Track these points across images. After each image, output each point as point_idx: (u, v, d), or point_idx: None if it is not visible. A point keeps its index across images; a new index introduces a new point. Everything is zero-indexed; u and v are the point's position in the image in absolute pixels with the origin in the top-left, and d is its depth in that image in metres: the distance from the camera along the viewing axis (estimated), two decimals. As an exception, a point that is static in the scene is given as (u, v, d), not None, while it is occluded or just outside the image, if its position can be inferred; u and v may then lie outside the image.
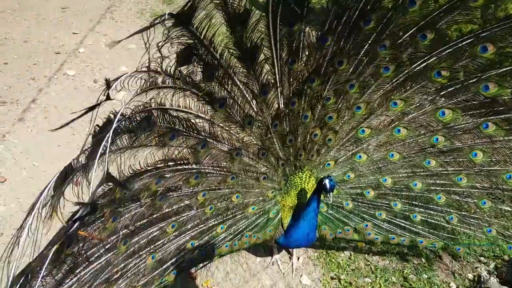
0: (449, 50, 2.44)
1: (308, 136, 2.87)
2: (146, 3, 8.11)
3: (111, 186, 2.29)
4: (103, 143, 1.81)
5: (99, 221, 2.31)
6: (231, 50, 2.32)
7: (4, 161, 4.51)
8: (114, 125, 1.90)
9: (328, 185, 2.48)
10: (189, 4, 1.94)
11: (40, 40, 6.50)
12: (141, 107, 2.15)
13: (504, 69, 2.40)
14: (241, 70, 2.43)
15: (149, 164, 2.40)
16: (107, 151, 1.77)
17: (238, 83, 2.46)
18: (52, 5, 7.40)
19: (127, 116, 2.08)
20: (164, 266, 2.75)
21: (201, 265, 3.12)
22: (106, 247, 2.40)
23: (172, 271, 2.82)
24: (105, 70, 6.15)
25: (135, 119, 2.12)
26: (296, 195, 3.02)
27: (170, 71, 2.16)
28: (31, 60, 6.07)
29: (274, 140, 2.80)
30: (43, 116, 5.17)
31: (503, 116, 2.57)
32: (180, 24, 2.04)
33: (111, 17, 7.47)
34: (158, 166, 2.42)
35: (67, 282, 2.24)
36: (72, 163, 1.94)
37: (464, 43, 2.39)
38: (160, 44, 1.99)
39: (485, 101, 2.55)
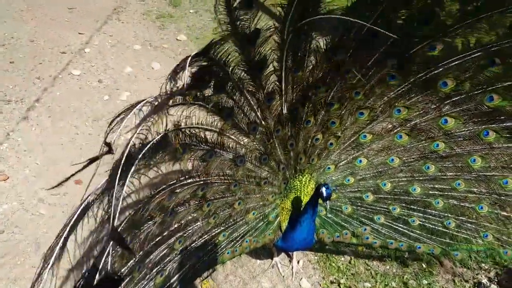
0: (456, 62, 2.44)
1: (310, 140, 2.88)
2: (152, 5, 8.14)
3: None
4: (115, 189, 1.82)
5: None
6: (241, 66, 2.37)
7: (7, 159, 4.53)
8: (132, 170, 1.92)
9: (325, 193, 2.48)
10: (209, 44, 2.04)
11: (46, 40, 6.54)
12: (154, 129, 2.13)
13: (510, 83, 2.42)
14: (248, 81, 2.47)
15: (161, 182, 2.42)
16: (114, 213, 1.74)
17: (246, 93, 2.49)
18: (59, 6, 7.44)
19: (141, 143, 2.05)
20: (171, 281, 2.78)
21: (205, 274, 3.13)
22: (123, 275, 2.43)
23: (178, 284, 2.84)
24: (110, 70, 6.18)
25: (151, 144, 2.10)
26: (295, 198, 3.02)
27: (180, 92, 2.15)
28: (37, 60, 6.10)
29: (276, 145, 2.81)
30: (47, 115, 5.20)
31: (504, 124, 2.58)
32: (200, 55, 2.06)
33: (117, 18, 7.51)
34: (171, 182, 2.44)
35: None
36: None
37: (472, 56, 2.38)
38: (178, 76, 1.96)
39: (488, 110, 2.56)
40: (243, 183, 2.83)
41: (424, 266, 3.71)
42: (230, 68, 2.30)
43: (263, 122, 2.67)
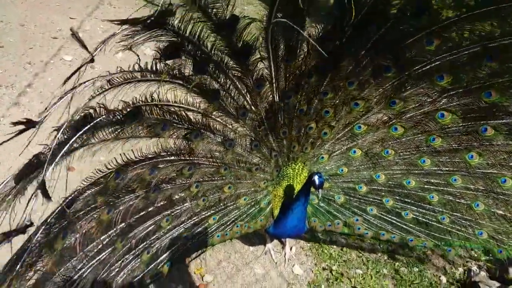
0: (454, 56, 2.41)
1: (303, 129, 2.87)
2: (144, -11, 8.03)
3: (104, 173, 2.30)
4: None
5: (94, 212, 2.31)
6: (221, 49, 2.26)
7: (-1, 145, 4.49)
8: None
9: (317, 182, 2.49)
10: (158, 13, 1.81)
11: (37, 25, 6.43)
12: (128, 102, 2.10)
13: (508, 79, 2.40)
14: (233, 66, 2.39)
15: (142, 154, 2.40)
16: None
17: (232, 77, 2.43)
18: (50, -11, 7.32)
19: (111, 111, 2.05)
20: (158, 260, 2.78)
21: (194, 255, 3.14)
22: (104, 242, 2.42)
23: (166, 263, 2.84)
24: (102, 56, 6.08)
25: (121, 113, 2.09)
26: (287, 186, 3.03)
27: (151, 67, 2.10)
28: (27, 44, 6.01)
29: (268, 132, 2.80)
30: (39, 101, 5.13)
31: (503, 121, 2.56)
32: (155, 27, 1.92)
33: (109, 2, 7.40)
34: (150, 156, 2.42)
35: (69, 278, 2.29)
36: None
37: (470, 51, 2.36)
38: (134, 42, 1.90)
39: (485, 106, 2.54)
40: (233, 168, 2.82)
41: (415, 254, 3.75)
42: (208, 49, 2.18)
43: (253, 108, 2.64)
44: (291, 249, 3.86)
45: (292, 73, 2.57)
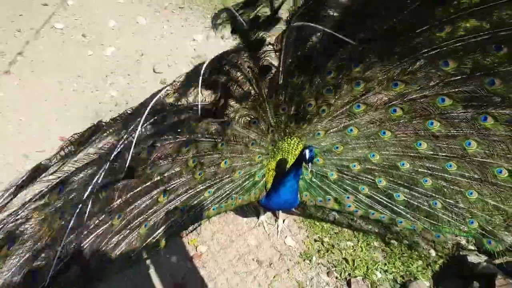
0: (461, 43, 2.35)
1: (302, 105, 2.86)
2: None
3: None
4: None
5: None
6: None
7: (-10, 114, 4.44)
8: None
9: (307, 155, 2.49)
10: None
11: (26, -10, 6.26)
12: None
13: None
14: (247, 59, 2.40)
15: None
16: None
17: (242, 68, 2.43)
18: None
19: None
20: (155, 233, 2.80)
21: (190, 228, 3.17)
22: (100, 218, 2.43)
23: (163, 236, 2.87)
24: (94, 24, 5.97)
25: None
26: (281, 160, 3.05)
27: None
28: (17, 11, 5.86)
29: (268, 109, 2.80)
30: (30, 70, 5.05)
31: (504, 111, 2.51)
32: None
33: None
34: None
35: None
36: None
37: (479, 38, 2.30)
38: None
39: (488, 94, 2.49)
40: (231, 143, 2.83)
41: (405, 233, 3.80)
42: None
43: (256, 90, 2.64)
44: (283, 221, 3.90)
45: (299, 56, 2.54)
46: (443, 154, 2.81)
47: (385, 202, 3.11)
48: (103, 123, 2.14)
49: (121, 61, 5.52)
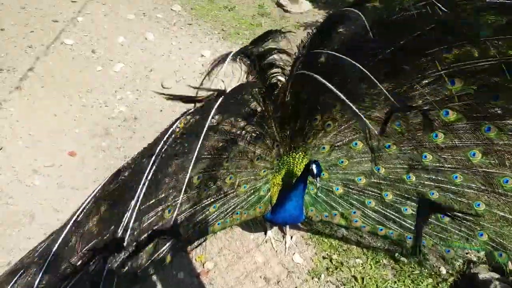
0: (468, 66, 2.34)
1: (308, 120, 2.86)
2: (146, -27, 7.93)
3: None
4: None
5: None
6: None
7: (0, 129, 4.48)
8: None
9: (315, 170, 2.49)
10: None
11: (37, 7, 6.37)
12: None
13: None
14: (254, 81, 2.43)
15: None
16: None
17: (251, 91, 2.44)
18: (51, -29, 7.23)
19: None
20: (161, 249, 2.78)
21: (195, 243, 3.15)
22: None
23: (169, 252, 2.85)
24: (103, 40, 6.05)
25: None
26: (287, 174, 3.04)
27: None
28: (28, 28, 5.96)
29: (273, 125, 2.80)
30: (40, 85, 5.11)
31: (507, 122, 2.50)
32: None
33: (111, -14, 7.32)
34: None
35: None
36: None
37: (488, 63, 2.27)
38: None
39: (491, 107, 2.49)
40: (236, 159, 2.82)
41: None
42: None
43: (263, 107, 2.64)
44: (291, 237, 3.87)
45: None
46: (449, 165, 2.78)
47: (392, 216, 3.08)
48: None
49: (129, 77, 5.57)
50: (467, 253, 3.61)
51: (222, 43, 6.47)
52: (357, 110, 1.86)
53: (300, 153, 3.04)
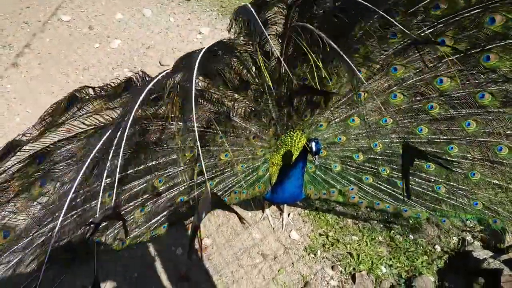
0: (456, 19, 2.33)
1: (304, 96, 2.84)
2: None
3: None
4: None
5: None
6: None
7: (-3, 106, 4.47)
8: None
9: (314, 148, 2.49)
10: None
11: (33, -18, 6.27)
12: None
13: (508, 42, 2.33)
14: (244, 43, 2.30)
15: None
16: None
17: (240, 54, 2.35)
18: None
19: None
20: (153, 220, 2.80)
21: (192, 218, 3.17)
22: (87, 194, 2.32)
23: (162, 224, 2.87)
24: (101, 16, 5.97)
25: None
26: (285, 153, 3.04)
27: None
28: (24, 3, 5.87)
29: (269, 102, 2.77)
30: (37, 62, 5.07)
31: (501, 87, 2.53)
32: None
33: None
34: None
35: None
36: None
37: (472, 12, 2.28)
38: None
39: (484, 71, 2.50)
40: (230, 135, 2.81)
41: (410, 222, 3.80)
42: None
43: (256, 80, 2.59)
44: (288, 215, 3.91)
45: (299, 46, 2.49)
46: (444, 137, 2.82)
47: (389, 190, 3.12)
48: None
49: (127, 54, 5.52)
50: (462, 231, 3.66)
51: (220, 20, 6.38)
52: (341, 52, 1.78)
53: (298, 132, 3.03)
